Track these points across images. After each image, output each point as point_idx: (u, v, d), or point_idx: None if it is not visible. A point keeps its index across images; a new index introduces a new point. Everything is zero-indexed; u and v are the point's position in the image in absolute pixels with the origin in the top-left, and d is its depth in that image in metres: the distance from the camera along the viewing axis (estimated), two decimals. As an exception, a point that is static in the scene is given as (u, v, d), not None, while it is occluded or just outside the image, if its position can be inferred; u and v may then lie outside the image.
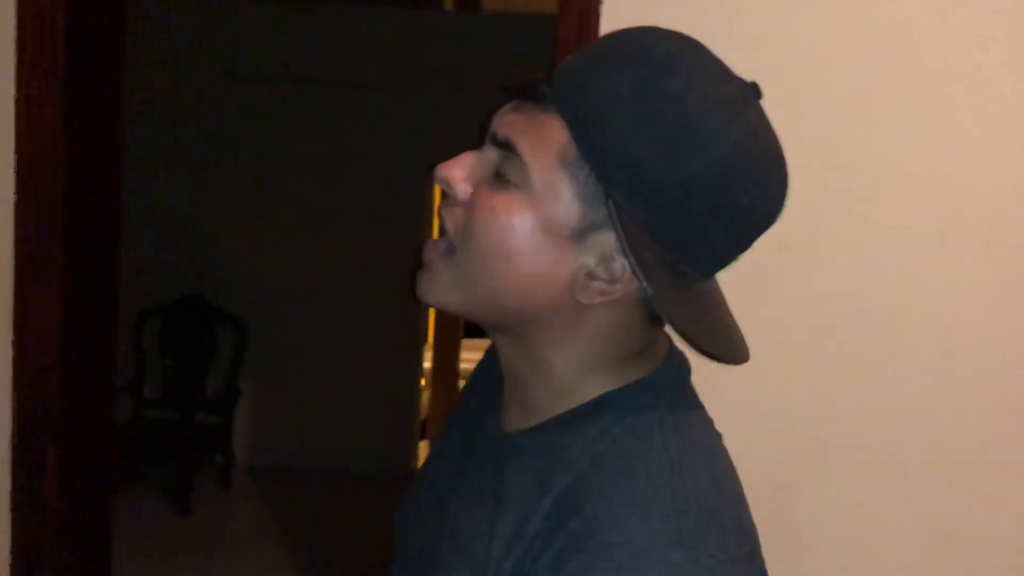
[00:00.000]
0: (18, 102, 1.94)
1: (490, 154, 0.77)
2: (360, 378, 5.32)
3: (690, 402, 0.82)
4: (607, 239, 0.74)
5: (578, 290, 0.75)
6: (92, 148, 2.19)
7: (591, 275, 0.75)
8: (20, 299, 1.99)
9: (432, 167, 0.80)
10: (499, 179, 0.75)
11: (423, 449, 5.80)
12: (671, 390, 0.80)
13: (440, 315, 5.75)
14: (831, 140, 1.83)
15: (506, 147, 0.75)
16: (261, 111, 5.18)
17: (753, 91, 0.76)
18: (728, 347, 0.77)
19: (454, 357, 6.18)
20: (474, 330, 3.49)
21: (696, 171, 0.71)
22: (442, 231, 0.80)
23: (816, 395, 1.87)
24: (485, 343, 0.91)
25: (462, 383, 6.15)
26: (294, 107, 5.17)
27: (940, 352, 1.86)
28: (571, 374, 0.79)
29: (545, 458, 0.77)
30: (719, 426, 0.85)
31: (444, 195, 0.79)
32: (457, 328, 5.97)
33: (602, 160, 0.72)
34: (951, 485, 1.88)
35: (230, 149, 5.23)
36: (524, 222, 0.74)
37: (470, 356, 6.07)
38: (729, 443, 0.84)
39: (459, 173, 0.77)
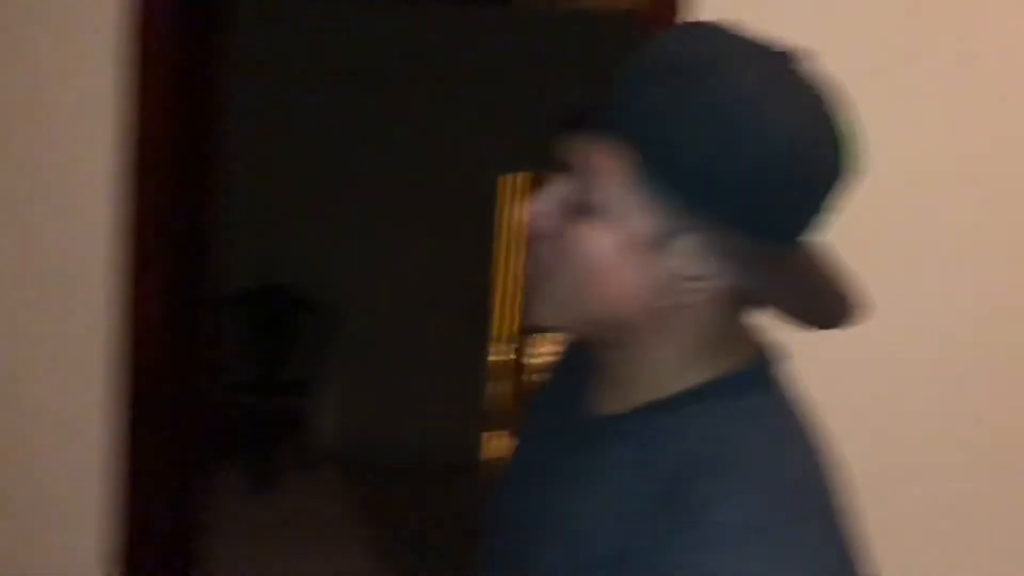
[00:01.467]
0: (129, 102, 2.05)
1: (566, 184, 0.83)
2: (429, 370, 5.43)
3: (787, 388, 0.86)
4: (690, 239, 0.78)
5: (672, 292, 0.80)
6: (196, 147, 2.31)
7: (682, 276, 0.79)
8: (127, 292, 2.12)
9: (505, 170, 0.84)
10: (578, 207, 0.81)
11: (488, 440, 5.88)
12: (769, 378, 0.85)
13: (505, 311, 5.82)
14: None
15: (579, 174, 0.80)
16: (340, 108, 5.29)
17: (790, 60, 0.78)
18: (828, 311, 0.80)
19: (520, 352, 6.23)
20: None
21: (757, 163, 0.75)
22: (537, 260, 0.86)
23: (816, 402, 1.87)
24: (549, 338, 0.94)
25: (527, 377, 6.22)
26: (373, 104, 5.27)
27: (941, 358, 1.87)
28: (672, 366, 0.84)
29: (646, 439, 0.82)
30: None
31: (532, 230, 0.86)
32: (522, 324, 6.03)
33: (670, 174, 0.77)
34: (951, 493, 1.89)
35: (316, 145, 5.36)
36: (609, 244, 0.79)
37: (535, 351, 6.11)
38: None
39: (541, 209, 0.84)
